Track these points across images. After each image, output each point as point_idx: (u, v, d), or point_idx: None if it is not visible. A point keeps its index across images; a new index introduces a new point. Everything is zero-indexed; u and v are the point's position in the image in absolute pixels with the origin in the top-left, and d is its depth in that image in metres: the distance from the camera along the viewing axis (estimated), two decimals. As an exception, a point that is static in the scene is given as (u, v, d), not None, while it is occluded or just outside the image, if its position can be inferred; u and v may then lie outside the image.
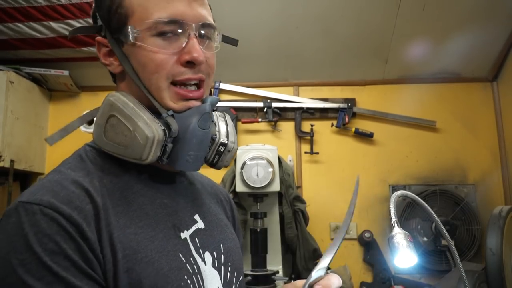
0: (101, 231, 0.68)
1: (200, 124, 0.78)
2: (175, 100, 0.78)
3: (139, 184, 0.79)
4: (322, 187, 2.79)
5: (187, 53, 0.77)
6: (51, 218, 0.64)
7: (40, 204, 0.65)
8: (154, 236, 0.74)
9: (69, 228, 0.64)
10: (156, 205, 0.79)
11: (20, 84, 2.64)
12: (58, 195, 0.67)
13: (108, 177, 0.76)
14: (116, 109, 0.76)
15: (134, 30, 0.76)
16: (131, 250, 0.69)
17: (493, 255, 1.82)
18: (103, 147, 0.78)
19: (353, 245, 2.73)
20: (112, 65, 0.83)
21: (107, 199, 0.72)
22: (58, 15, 2.40)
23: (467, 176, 2.77)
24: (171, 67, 0.77)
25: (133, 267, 0.68)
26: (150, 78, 0.77)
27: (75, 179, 0.72)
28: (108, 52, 0.82)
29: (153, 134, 0.73)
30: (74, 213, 0.66)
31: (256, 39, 2.60)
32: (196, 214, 0.87)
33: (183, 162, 0.78)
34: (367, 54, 2.74)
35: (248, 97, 2.86)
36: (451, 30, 2.58)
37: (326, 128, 2.83)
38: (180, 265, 0.75)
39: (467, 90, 2.86)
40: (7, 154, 2.48)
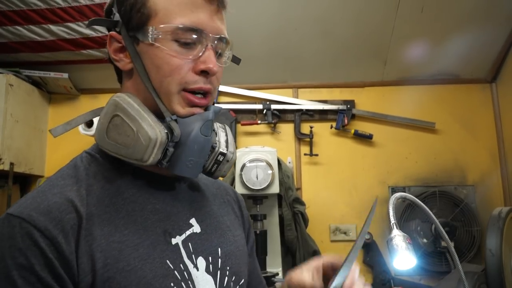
0: (80, 242, 0.69)
1: (202, 131, 0.78)
2: (183, 105, 0.79)
3: (132, 190, 0.79)
4: (321, 189, 2.80)
5: (203, 62, 0.78)
6: (26, 233, 0.66)
7: (20, 217, 0.67)
8: (139, 244, 0.74)
9: (42, 243, 0.66)
10: (146, 211, 0.78)
11: (20, 87, 2.64)
12: (39, 207, 0.69)
13: (100, 183, 0.77)
14: (121, 109, 0.76)
15: (155, 31, 0.77)
16: (113, 259, 0.69)
17: (492, 256, 1.82)
18: (104, 147, 0.78)
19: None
20: (121, 61, 0.82)
21: (94, 207, 0.73)
22: (58, 18, 2.40)
23: (466, 177, 2.77)
24: (185, 73, 0.77)
25: (113, 276, 0.68)
26: (162, 81, 0.78)
27: (60, 190, 0.73)
28: (120, 48, 0.82)
29: (156, 136, 0.74)
30: (50, 225, 0.67)
31: (255, 41, 2.60)
32: (192, 218, 0.86)
33: (182, 167, 0.78)
34: (366, 55, 2.74)
35: (247, 99, 2.87)
36: (449, 32, 2.58)
37: (326, 129, 2.83)
38: (167, 272, 0.75)
39: (466, 91, 2.86)
40: (7, 157, 2.48)
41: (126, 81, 0.85)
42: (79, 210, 0.71)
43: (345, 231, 2.73)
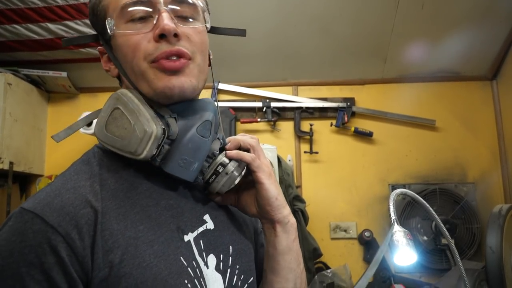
0: (96, 237, 0.68)
1: (199, 131, 0.77)
2: (158, 76, 0.77)
3: (146, 185, 0.78)
4: (321, 187, 2.79)
5: (157, 27, 0.76)
6: (38, 229, 0.65)
7: (33, 212, 0.66)
8: (154, 240, 0.73)
9: (54, 240, 0.65)
10: (160, 207, 0.77)
11: (18, 86, 2.64)
12: (53, 202, 0.68)
13: (114, 178, 0.76)
14: (122, 102, 0.76)
15: (109, 20, 0.78)
16: (129, 255, 0.69)
17: (493, 254, 1.82)
18: (102, 139, 0.78)
19: (353, 244, 2.73)
20: (110, 70, 0.84)
21: (109, 201, 0.72)
22: (56, 16, 2.39)
23: (466, 175, 2.77)
24: (145, 46, 0.76)
25: (130, 271, 0.68)
26: (132, 66, 0.78)
27: (74, 185, 0.72)
28: (107, 58, 0.84)
29: (152, 130, 0.73)
30: (63, 222, 0.66)
31: (254, 38, 2.59)
32: (206, 214, 0.85)
33: (174, 165, 0.76)
34: (366, 53, 2.74)
35: (247, 97, 2.86)
36: (450, 29, 2.57)
37: (325, 127, 2.83)
38: (181, 269, 0.74)
39: (466, 88, 2.85)
40: (6, 156, 2.48)
41: (122, 87, 0.86)
42: (94, 205, 0.70)
43: (345, 228, 2.73)
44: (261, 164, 0.82)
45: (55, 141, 0.84)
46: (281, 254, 0.85)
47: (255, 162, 0.82)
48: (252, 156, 0.82)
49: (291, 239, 0.85)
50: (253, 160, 0.82)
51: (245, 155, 0.82)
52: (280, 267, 0.86)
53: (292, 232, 0.86)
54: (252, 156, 0.82)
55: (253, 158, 0.82)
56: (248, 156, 0.82)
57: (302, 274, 0.88)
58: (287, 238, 0.85)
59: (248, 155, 0.82)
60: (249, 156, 0.82)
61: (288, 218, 0.85)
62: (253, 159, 0.82)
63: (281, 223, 0.85)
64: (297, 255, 0.87)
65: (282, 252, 0.85)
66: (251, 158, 0.82)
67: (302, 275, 0.88)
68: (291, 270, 0.86)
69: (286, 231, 0.85)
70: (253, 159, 0.82)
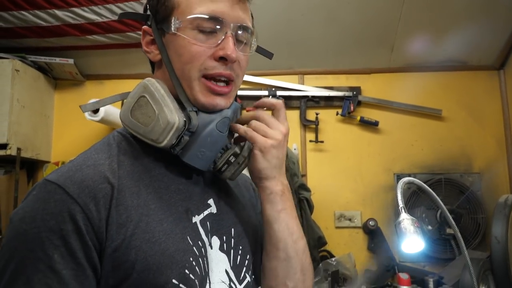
0: (111, 210, 0.73)
1: (218, 126, 0.83)
2: (204, 93, 0.83)
3: (159, 170, 0.84)
4: (327, 176, 2.80)
5: (221, 49, 0.81)
6: (60, 198, 0.71)
7: (56, 183, 0.72)
8: (164, 219, 0.78)
9: (73, 210, 0.70)
10: (170, 190, 0.83)
11: (26, 72, 2.65)
12: (74, 175, 0.74)
13: (130, 160, 0.82)
14: (149, 91, 0.81)
15: (176, 21, 0.82)
16: (140, 230, 0.74)
17: (498, 243, 1.83)
18: (126, 123, 0.84)
19: (357, 233, 2.74)
20: (152, 53, 0.88)
21: (125, 180, 0.78)
22: (63, 3, 2.39)
23: (472, 165, 2.76)
24: (204, 60, 0.82)
25: (140, 244, 0.73)
26: (183, 68, 0.83)
27: (94, 162, 0.78)
28: (151, 41, 0.88)
29: (174, 121, 0.78)
30: (82, 194, 0.72)
31: (260, 27, 2.55)
32: (210, 199, 0.90)
33: (193, 156, 0.82)
34: (373, 42, 2.72)
35: (252, 86, 2.86)
36: (457, 18, 2.56)
37: (331, 116, 2.83)
38: (187, 247, 0.79)
39: (473, 78, 2.84)
40: (14, 142, 2.50)
41: (156, 71, 0.90)
42: (111, 181, 0.76)
43: (350, 217, 2.74)
44: (256, 136, 0.86)
45: (82, 110, 0.91)
46: (267, 223, 0.90)
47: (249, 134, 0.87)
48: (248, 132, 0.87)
49: (275, 209, 0.89)
50: (249, 137, 0.87)
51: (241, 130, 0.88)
52: (270, 236, 0.90)
53: (277, 203, 0.89)
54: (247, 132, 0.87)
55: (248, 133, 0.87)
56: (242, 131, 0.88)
57: (295, 244, 0.90)
58: (271, 207, 0.89)
59: (243, 131, 0.88)
60: (243, 131, 0.88)
61: (271, 189, 0.89)
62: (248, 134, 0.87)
63: (264, 193, 0.89)
64: (286, 225, 0.89)
65: (269, 221, 0.89)
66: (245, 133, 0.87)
67: (297, 245, 0.90)
68: (280, 240, 0.89)
69: (269, 201, 0.89)
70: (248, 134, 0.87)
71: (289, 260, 0.90)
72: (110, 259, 0.72)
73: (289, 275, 0.90)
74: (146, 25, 0.88)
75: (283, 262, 0.90)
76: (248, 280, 0.90)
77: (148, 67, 0.94)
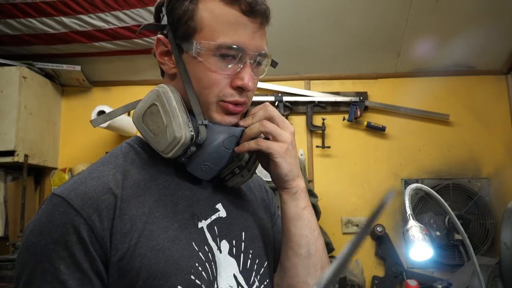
0: (114, 220, 0.75)
1: (225, 144, 0.84)
2: (220, 112, 0.85)
3: (165, 177, 0.86)
4: (333, 181, 2.79)
5: (240, 79, 0.83)
6: (64, 211, 0.73)
7: (61, 197, 0.75)
8: (169, 227, 0.80)
9: (77, 221, 0.73)
10: (177, 197, 0.85)
11: (33, 79, 2.66)
12: (78, 188, 0.76)
13: (137, 169, 0.84)
14: (161, 100, 0.82)
15: (199, 46, 0.82)
16: (145, 238, 0.76)
17: (507, 250, 1.80)
18: (138, 128, 0.85)
19: (364, 240, 2.72)
20: (166, 65, 0.88)
21: (130, 190, 0.80)
22: (70, 10, 2.41)
23: (480, 170, 2.74)
24: (223, 87, 0.83)
25: (145, 253, 0.75)
26: (201, 92, 0.84)
27: (98, 174, 0.80)
28: (166, 52, 0.88)
29: (180, 136, 0.80)
30: (85, 205, 0.74)
31: (267, 32, 2.58)
32: (219, 203, 0.91)
33: (197, 168, 0.84)
34: (379, 47, 2.72)
35: (259, 91, 2.86)
36: (464, 23, 2.55)
37: (338, 122, 2.82)
38: (192, 253, 0.80)
39: (480, 83, 2.82)
40: (21, 149, 2.51)
41: (168, 81, 0.90)
42: (114, 192, 0.78)
43: (357, 223, 2.72)
44: (271, 145, 0.86)
45: (93, 125, 0.93)
46: (291, 221, 0.90)
47: (264, 146, 0.86)
48: (262, 144, 0.86)
49: (300, 207, 0.90)
50: (265, 148, 0.86)
51: (253, 146, 0.86)
52: (291, 233, 0.90)
53: (301, 200, 0.91)
54: (261, 145, 0.86)
55: (263, 145, 0.86)
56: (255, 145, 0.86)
57: (317, 242, 0.91)
58: (296, 205, 0.90)
59: (256, 145, 0.86)
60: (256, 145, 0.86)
61: (296, 188, 0.90)
62: (263, 146, 0.86)
63: (289, 193, 0.90)
64: (309, 222, 0.91)
65: (292, 219, 0.90)
66: (260, 146, 0.86)
67: (317, 242, 0.91)
68: (302, 237, 0.90)
69: (294, 199, 0.90)
70: (263, 146, 0.86)
71: (311, 257, 0.90)
72: (116, 268, 0.74)
73: (310, 273, 0.90)
74: (161, 34, 0.88)
75: (304, 259, 0.90)
76: (257, 284, 0.90)
77: (156, 73, 0.94)
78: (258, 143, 0.86)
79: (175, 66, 0.86)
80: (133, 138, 0.92)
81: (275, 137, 0.87)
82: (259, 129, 0.87)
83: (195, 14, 0.83)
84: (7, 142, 2.47)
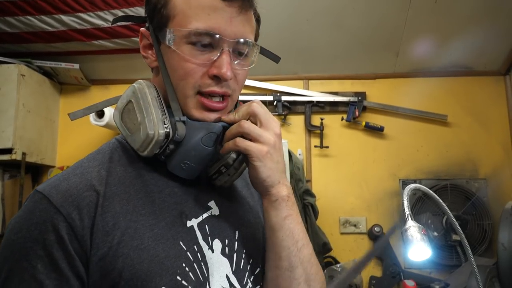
0: (96, 218, 0.72)
1: (203, 141, 0.79)
2: (198, 108, 0.81)
3: (153, 174, 0.82)
4: (332, 181, 2.79)
5: (216, 67, 0.78)
6: (44, 208, 0.71)
7: (42, 193, 0.73)
8: (155, 225, 0.76)
9: (56, 219, 0.70)
10: (164, 194, 0.80)
11: (31, 77, 2.66)
12: (60, 185, 0.74)
13: (123, 166, 0.80)
14: (135, 97, 0.79)
15: (171, 34, 0.78)
16: (128, 237, 0.73)
17: (505, 250, 1.81)
18: (118, 126, 0.82)
19: (362, 240, 2.72)
20: (148, 58, 0.86)
21: (115, 187, 0.76)
22: (69, 8, 2.41)
23: (478, 171, 2.75)
24: (199, 77, 0.79)
25: (127, 252, 0.72)
26: (178, 83, 0.80)
27: (82, 171, 0.77)
28: (148, 45, 0.85)
29: (153, 134, 0.75)
30: (65, 203, 0.71)
31: (266, 32, 2.55)
32: (211, 201, 0.87)
33: (176, 167, 0.80)
34: (378, 47, 2.72)
35: (258, 91, 2.86)
36: (463, 23, 2.55)
37: (336, 122, 2.82)
38: (179, 253, 0.76)
39: (479, 83, 2.83)
40: (19, 147, 2.50)
41: (154, 76, 0.88)
42: (97, 189, 0.74)
43: (355, 223, 2.72)
44: (249, 146, 0.80)
45: (70, 118, 0.89)
46: (271, 231, 0.84)
47: (242, 146, 0.80)
48: (240, 144, 0.80)
49: (281, 216, 0.83)
50: (243, 149, 0.80)
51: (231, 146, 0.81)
52: (272, 243, 0.85)
53: (282, 209, 0.84)
54: (239, 145, 0.80)
55: (241, 145, 0.80)
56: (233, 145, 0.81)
57: (300, 253, 0.85)
58: (276, 215, 0.84)
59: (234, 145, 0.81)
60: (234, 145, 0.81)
61: (276, 196, 0.83)
62: (241, 147, 0.80)
63: (269, 200, 0.84)
64: (291, 233, 0.84)
65: (272, 229, 0.84)
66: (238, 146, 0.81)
67: (301, 254, 0.85)
68: (283, 248, 0.84)
69: (274, 208, 0.83)
70: (241, 147, 0.80)
71: (292, 270, 0.84)
72: (97, 267, 0.71)
73: (292, 286, 0.84)
74: (144, 27, 0.85)
75: (285, 272, 0.84)
76: (250, 285, 0.86)
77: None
78: (236, 143, 0.80)
79: (155, 59, 0.83)
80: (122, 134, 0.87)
81: (255, 138, 0.80)
82: (237, 130, 0.81)
83: (169, 1, 0.79)
84: (5, 140, 2.47)
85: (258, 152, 0.80)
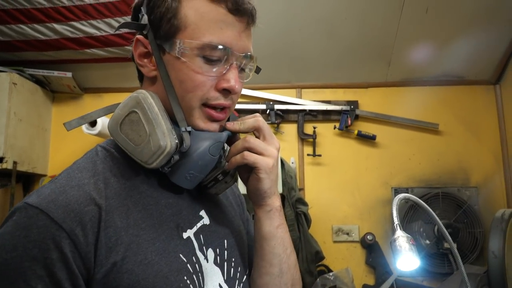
0: (99, 233, 0.69)
1: (211, 150, 0.80)
2: (203, 119, 0.81)
3: (146, 185, 0.80)
4: (324, 189, 2.79)
5: (226, 80, 0.79)
6: (43, 225, 0.66)
7: (38, 208, 0.67)
8: (156, 238, 0.75)
9: (58, 236, 0.66)
10: (161, 206, 0.80)
11: (23, 85, 2.65)
12: (58, 199, 0.69)
13: (116, 177, 0.78)
14: (141, 107, 0.77)
15: (182, 45, 0.77)
16: (131, 252, 0.71)
17: (495, 258, 1.82)
18: (114, 137, 0.79)
19: (355, 248, 2.73)
20: (146, 67, 0.83)
21: (112, 200, 0.74)
22: (61, 17, 2.40)
23: (469, 179, 2.76)
24: (207, 90, 0.79)
25: (132, 268, 0.70)
26: (184, 95, 0.79)
27: (78, 182, 0.73)
28: (145, 53, 0.83)
29: (165, 145, 0.75)
30: (68, 218, 0.67)
31: (259, 41, 2.56)
32: (202, 210, 0.88)
33: (181, 177, 0.80)
34: (370, 56, 2.74)
35: (250, 99, 2.86)
36: (454, 33, 2.58)
37: (329, 130, 2.83)
38: (181, 266, 0.76)
39: (470, 93, 2.85)
40: (10, 155, 2.49)
41: (148, 85, 0.85)
42: (98, 203, 0.71)
43: (347, 231, 2.73)
44: (258, 160, 0.83)
45: (66, 129, 0.85)
46: (264, 239, 0.88)
47: (250, 160, 0.84)
48: (248, 158, 0.83)
49: (274, 225, 0.88)
50: (252, 162, 0.84)
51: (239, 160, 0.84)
52: (264, 251, 0.89)
53: (275, 218, 0.89)
54: (248, 158, 0.83)
55: (249, 159, 0.83)
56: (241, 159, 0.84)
57: (288, 260, 0.90)
58: (270, 224, 0.88)
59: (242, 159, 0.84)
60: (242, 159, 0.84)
61: (271, 206, 0.88)
62: (250, 160, 0.83)
63: (264, 210, 0.88)
64: (282, 241, 0.89)
65: (265, 237, 0.88)
66: (246, 160, 0.84)
67: (289, 260, 0.90)
68: (275, 256, 0.88)
69: (269, 217, 0.88)
70: (250, 160, 0.83)
71: (282, 275, 0.89)
72: (100, 285, 0.68)
73: None
74: (141, 35, 0.82)
75: (276, 278, 0.89)
76: None
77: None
78: (244, 156, 0.83)
79: (155, 68, 0.81)
80: (108, 141, 0.84)
81: (260, 153, 0.84)
82: (242, 145, 0.84)
83: (179, 12, 0.77)
84: (-4, 148, 2.45)
85: (266, 165, 0.84)
